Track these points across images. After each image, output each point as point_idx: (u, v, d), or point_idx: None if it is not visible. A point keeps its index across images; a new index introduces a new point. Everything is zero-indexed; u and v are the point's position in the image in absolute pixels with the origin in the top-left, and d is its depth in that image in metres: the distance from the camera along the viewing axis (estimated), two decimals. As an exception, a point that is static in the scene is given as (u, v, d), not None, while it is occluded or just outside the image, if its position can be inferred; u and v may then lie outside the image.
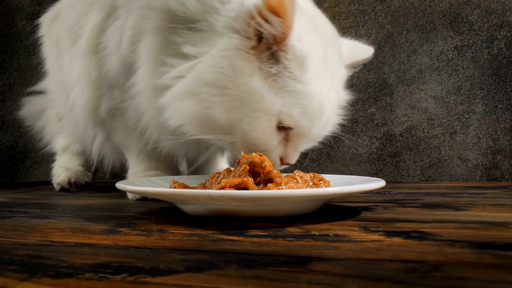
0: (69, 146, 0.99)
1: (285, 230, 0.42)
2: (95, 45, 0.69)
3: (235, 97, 0.54)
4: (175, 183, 0.52)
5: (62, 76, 0.81)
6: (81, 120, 0.76)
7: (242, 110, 0.55)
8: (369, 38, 1.16)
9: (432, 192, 0.77)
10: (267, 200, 0.44)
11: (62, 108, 0.86)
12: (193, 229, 0.43)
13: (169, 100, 0.58)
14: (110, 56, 0.67)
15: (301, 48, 0.54)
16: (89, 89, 0.71)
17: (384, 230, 0.41)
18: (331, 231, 0.41)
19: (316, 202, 0.50)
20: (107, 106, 0.71)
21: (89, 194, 0.84)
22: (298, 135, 0.58)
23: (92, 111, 0.73)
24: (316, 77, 0.56)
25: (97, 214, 0.56)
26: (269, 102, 0.54)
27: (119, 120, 0.73)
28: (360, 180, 0.57)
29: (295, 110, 0.55)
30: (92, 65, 0.70)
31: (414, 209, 0.55)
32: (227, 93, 0.54)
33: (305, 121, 0.56)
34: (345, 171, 1.16)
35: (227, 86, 0.54)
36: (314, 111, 0.56)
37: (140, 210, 0.59)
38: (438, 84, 1.11)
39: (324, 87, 0.57)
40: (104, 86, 0.71)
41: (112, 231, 0.43)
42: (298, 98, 0.55)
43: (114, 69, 0.67)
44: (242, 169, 0.47)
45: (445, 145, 1.10)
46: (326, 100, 0.57)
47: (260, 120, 0.55)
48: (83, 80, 0.71)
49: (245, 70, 0.54)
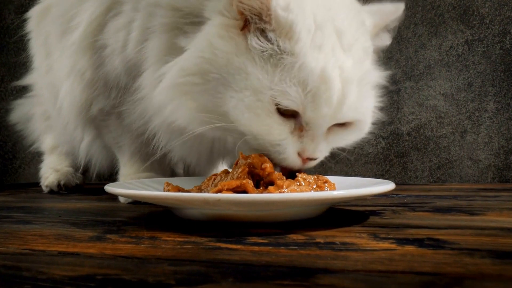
0: (57, 146, 0.97)
1: (287, 237, 0.40)
2: (91, 43, 0.66)
3: (218, 81, 0.51)
4: (169, 186, 0.50)
5: (51, 76, 0.78)
6: (70, 120, 0.73)
7: (226, 92, 0.50)
8: None
9: (443, 195, 0.75)
10: (268, 205, 0.42)
11: (51, 108, 0.84)
12: (187, 236, 0.41)
13: (158, 96, 0.55)
14: (112, 57, 0.64)
15: (286, 16, 0.49)
16: (82, 89, 0.69)
17: (395, 237, 0.39)
18: (337, 238, 0.39)
19: (320, 207, 0.48)
20: (101, 106, 0.69)
21: (78, 197, 0.82)
22: (310, 119, 0.50)
23: (84, 111, 0.70)
24: (312, 47, 0.50)
25: (85, 219, 0.54)
26: (255, 78, 0.49)
27: (113, 119, 0.70)
28: (368, 183, 0.55)
29: (291, 88, 0.49)
30: (87, 64, 0.67)
31: (426, 214, 0.53)
32: (211, 78, 0.51)
33: (307, 99, 0.49)
34: (349, 172, 1.15)
35: (209, 70, 0.51)
36: (316, 85, 0.49)
37: (132, 215, 0.57)
38: (448, 80, 1.09)
39: (329, 58, 0.50)
40: (100, 87, 0.68)
41: (99, 238, 0.41)
42: (292, 73, 0.49)
43: (116, 71, 0.65)
44: (240, 171, 0.45)
45: (455, 144, 1.09)
46: (333, 72, 0.49)
47: (247, 100, 0.49)
48: (75, 78, 0.69)
49: (227, 49, 0.50)
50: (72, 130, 0.76)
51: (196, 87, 0.52)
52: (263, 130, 0.50)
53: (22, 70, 1.32)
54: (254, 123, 0.50)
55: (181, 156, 0.69)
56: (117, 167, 0.78)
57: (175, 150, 0.66)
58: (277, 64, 0.49)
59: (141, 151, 0.71)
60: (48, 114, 0.95)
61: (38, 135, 1.04)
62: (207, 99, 0.52)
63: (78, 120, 0.73)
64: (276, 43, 0.50)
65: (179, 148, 0.65)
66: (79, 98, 0.69)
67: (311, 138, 0.52)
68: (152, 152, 0.67)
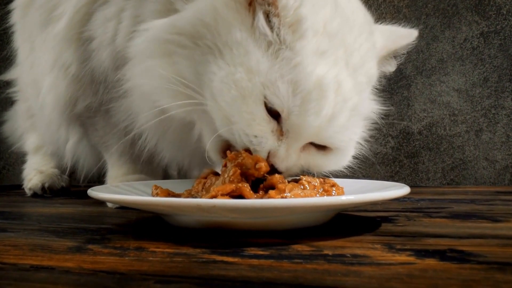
0: (42, 146, 0.95)
1: (290, 248, 0.37)
2: (77, 34, 0.64)
3: (209, 50, 0.48)
4: (157, 189, 0.47)
5: (35, 72, 0.76)
6: (54, 119, 0.71)
7: (215, 63, 0.47)
8: (383, 23, 1.12)
9: (459, 199, 0.73)
10: (269, 211, 0.39)
11: (35, 105, 0.82)
12: (178, 246, 0.38)
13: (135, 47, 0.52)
14: (99, 50, 0.62)
15: (297, 6, 0.47)
16: (66, 85, 0.67)
17: (412, 248, 0.36)
18: (347, 249, 0.36)
19: (327, 213, 0.45)
20: (87, 104, 0.67)
21: (63, 201, 0.80)
22: (292, 126, 0.47)
23: (68, 109, 0.68)
24: (315, 51, 0.47)
25: (66, 226, 0.51)
26: (254, 58, 0.46)
27: (99, 117, 0.68)
28: (379, 186, 0.52)
29: (283, 85, 0.46)
30: (72, 57, 0.65)
31: (443, 220, 0.50)
32: (202, 43, 0.48)
33: (296, 105, 0.46)
34: (356, 174, 1.10)
35: (204, 34, 0.48)
36: (309, 90, 0.46)
37: (119, 221, 0.54)
38: (462, 75, 1.07)
39: (330, 68, 0.47)
40: (87, 83, 0.66)
41: (79, 249, 0.38)
42: (288, 69, 0.46)
43: (103, 65, 0.62)
44: (232, 174, 0.43)
45: (470, 144, 1.07)
46: (331, 84, 0.47)
47: (238, 76, 0.46)
48: (58, 73, 0.66)
49: (231, 20, 0.48)
50: (55, 130, 0.74)
51: (182, 49, 0.49)
52: (245, 118, 0.47)
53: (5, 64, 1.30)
54: (237, 105, 0.46)
55: (171, 157, 0.66)
56: (105, 168, 0.75)
57: (164, 150, 0.63)
58: (277, 55, 0.47)
59: (130, 152, 0.68)
60: (33, 111, 0.93)
61: (21, 134, 1.01)
62: (190, 67, 0.49)
63: (62, 119, 0.70)
64: (277, 30, 0.47)
65: (167, 148, 0.62)
66: (63, 95, 0.67)
67: (286, 147, 0.48)
68: (141, 153, 0.65)
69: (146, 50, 0.51)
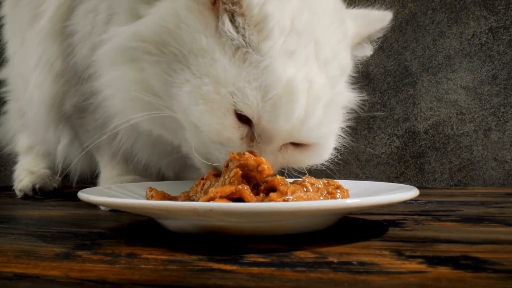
0: (34, 146, 0.94)
1: (293, 255, 0.35)
2: (60, 29, 0.64)
3: (176, 58, 0.47)
4: (152, 191, 0.45)
5: (23, 68, 0.76)
6: (41, 119, 0.70)
7: (183, 73, 0.47)
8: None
9: (468, 201, 0.71)
10: (270, 215, 0.38)
11: (24, 103, 0.81)
12: (172, 253, 0.37)
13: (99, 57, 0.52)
14: (81, 44, 0.62)
15: (262, 4, 0.46)
16: (52, 82, 0.66)
17: (423, 255, 0.35)
18: (353, 256, 0.35)
19: (332, 217, 0.44)
20: (74, 101, 0.66)
21: (54, 203, 0.78)
22: (263, 132, 0.47)
23: (56, 107, 0.68)
24: (283, 52, 0.47)
25: (56, 230, 0.50)
26: (221, 67, 0.46)
27: (89, 116, 0.67)
28: (386, 188, 0.51)
29: (251, 90, 0.45)
30: (56, 53, 0.65)
31: (454, 224, 0.49)
32: (168, 51, 0.47)
33: (266, 110, 0.46)
34: (360, 175, 1.11)
35: (169, 42, 0.47)
36: (278, 94, 0.45)
37: (111, 225, 0.53)
38: (470, 72, 1.06)
39: (299, 68, 0.47)
40: (72, 79, 0.65)
41: (67, 255, 0.37)
42: (255, 74, 0.45)
43: (85, 60, 0.61)
44: (233, 175, 0.41)
45: (478, 144, 1.05)
46: (301, 86, 0.46)
47: (205, 89, 0.45)
48: (43, 69, 0.66)
49: (195, 24, 0.47)
50: (44, 130, 0.73)
51: (148, 56, 0.48)
52: (214, 128, 0.47)
53: None
54: (206, 118, 0.46)
55: (148, 159, 0.66)
56: (98, 170, 0.74)
57: (140, 152, 0.63)
58: (244, 59, 0.46)
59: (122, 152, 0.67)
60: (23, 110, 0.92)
61: (12, 135, 1.00)
62: (157, 74, 0.48)
63: (50, 119, 0.70)
64: (242, 31, 0.46)
65: (142, 149, 0.61)
66: (48, 92, 0.66)
67: (259, 152, 0.48)
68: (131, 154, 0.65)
69: (111, 59, 0.51)
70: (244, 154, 0.44)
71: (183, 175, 0.74)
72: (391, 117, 1.10)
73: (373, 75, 1.11)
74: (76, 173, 0.80)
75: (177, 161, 0.62)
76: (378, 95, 1.11)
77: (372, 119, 1.11)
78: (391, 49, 1.10)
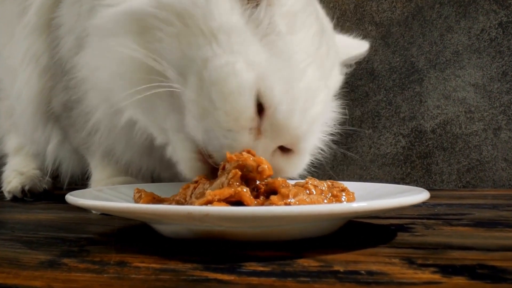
0: (23, 146, 0.92)
1: (296, 263, 0.34)
2: (46, 21, 0.63)
3: (201, 32, 0.45)
4: (140, 193, 0.44)
5: (11, 64, 0.74)
6: (29, 117, 0.69)
7: (209, 47, 0.45)
8: (394, 13, 1.10)
9: (479, 204, 0.69)
10: (271, 220, 0.36)
11: (12, 100, 0.80)
12: (165, 261, 0.35)
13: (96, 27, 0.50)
14: (66, 36, 0.61)
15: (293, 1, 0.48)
16: (38, 78, 0.65)
17: (436, 263, 0.33)
18: (361, 265, 0.33)
19: (337, 222, 0.42)
20: (62, 98, 0.65)
21: (44, 206, 0.77)
22: (272, 125, 0.46)
23: (43, 105, 0.67)
24: (306, 53, 0.48)
25: (43, 235, 0.48)
26: (254, 49, 0.45)
27: (78, 115, 0.65)
28: (393, 190, 0.49)
29: (277, 80, 0.45)
30: (42, 47, 0.64)
31: (466, 229, 0.47)
32: (193, 24, 0.45)
33: (284, 101, 0.46)
34: (364, 176, 1.10)
35: (196, 16, 0.45)
36: (300, 90, 0.46)
37: (102, 229, 0.51)
38: (479, 69, 1.05)
39: (315, 73, 0.48)
40: (57, 73, 0.64)
41: (52, 263, 0.35)
42: (283, 64, 0.46)
43: (70, 53, 0.60)
44: (232, 176, 0.39)
45: (488, 143, 1.04)
46: (316, 88, 0.48)
47: (239, 67, 0.44)
48: (29, 65, 0.65)
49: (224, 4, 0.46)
50: (32, 130, 0.72)
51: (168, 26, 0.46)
52: (236, 110, 0.45)
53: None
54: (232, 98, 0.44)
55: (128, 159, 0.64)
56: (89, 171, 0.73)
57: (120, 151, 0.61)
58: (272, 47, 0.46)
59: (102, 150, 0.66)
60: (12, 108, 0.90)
61: (2, 136, 0.99)
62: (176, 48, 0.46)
63: (38, 117, 0.69)
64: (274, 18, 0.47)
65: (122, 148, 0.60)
66: (35, 89, 0.66)
67: (265, 147, 0.47)
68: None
69: (112, 26, 0.48)
70: (242, 154, 0.43)
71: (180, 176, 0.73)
72: (396, 115, 1.09)
73: (378, 72, 1.10)
74: (67, 175, 0.79)
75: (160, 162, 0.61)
76: (383, 93, 1.10)
77: (377, 118, 1.10)
78: (396, 45, 1.09)
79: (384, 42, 1.10)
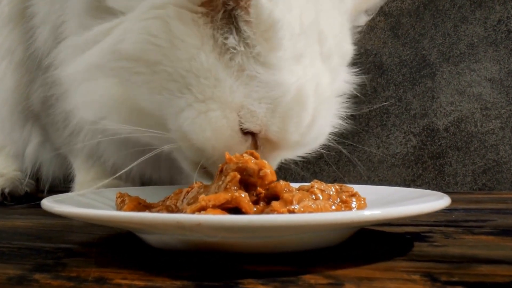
0: (4, 146, 0.90)
1: (300, 280, 0.31)
2: (20, 11, 0.63)
3: (171, 77, 0.45)
4: (123, 197, 0.41)
5: None
6: (6, 115, 0.70)
7: (182, 96, 0.45)
8: (404, 2, 1.10)
9: (500, 209, 0.67)
10: (272, 230, 0.34)
11: None
12: (151, 277, 0.32)
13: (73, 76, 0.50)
14: (42, 26, 0.60)
15: (271, 9, 0.44)
16: (13, 72, 0.65)
17: (463, 280, 0.30)
18: (376, 282, 0.30)
19: (347, 231, 0.39)
20: (38, 93, 0.64)
21: (24, 211, 0.74)
22: (269, 144, 0.49)
23: (21, 103, 0.66)
24: (293, 58, 0.47)
25: (16, 245, 0.45)
26: (227, 88, 0.45)
27: (59, 112, 0.65)
28: (407, 195, 0.47)
29: (259, 107, 0.46)
30: (17, 40, 0.64)
31: (490, 238, 0.45)
32: (159, 70, 0.45)
33: (275, 124, 0.47)
34: (372, 178, 1.10)
35: (161, 61, 0.45)
36: (289, 108, 0.46)
37: (84, 238, 0.48)
38: (496, 62, 1.04)
39: (307, 71, 0.48)
40: (34, 67, 0.64)
41: (21, 280, 0.32)
42: (263, 89, 0.45)
43: (46, 45, 0.60)
44: (230, 179, 0.37)
45: (505, 143, 1.03)
46: (310, 91, 0.48)
47: (212, 115, 0.45)
48: (4, 59, 0.66)
49: (191, 40, 0.45)
50: (10, 129, 0.72)
51: (135, 76, 0.46)
52: (220, 150, 0.47)
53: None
54: (214, 142, 0.47)
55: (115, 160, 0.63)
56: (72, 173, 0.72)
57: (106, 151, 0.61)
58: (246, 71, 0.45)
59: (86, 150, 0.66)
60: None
61: None
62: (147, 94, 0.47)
63: (15, 116, 0.68)
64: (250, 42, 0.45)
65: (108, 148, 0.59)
66: (10, 85, 0.66)
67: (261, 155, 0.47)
68: None
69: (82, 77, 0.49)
70: (242, 155, 0.40)
71: (174, 178, 0.71)
72: (407, 112, 1.09)
73: (387, 66, 1.09)
74: (48, 178, 0.77)
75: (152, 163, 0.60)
76: (393, 88, 1.09)
77: (386, 115, 1.09)
78: (407, 37, 1.09)
79: (393, 34, 1.09)
